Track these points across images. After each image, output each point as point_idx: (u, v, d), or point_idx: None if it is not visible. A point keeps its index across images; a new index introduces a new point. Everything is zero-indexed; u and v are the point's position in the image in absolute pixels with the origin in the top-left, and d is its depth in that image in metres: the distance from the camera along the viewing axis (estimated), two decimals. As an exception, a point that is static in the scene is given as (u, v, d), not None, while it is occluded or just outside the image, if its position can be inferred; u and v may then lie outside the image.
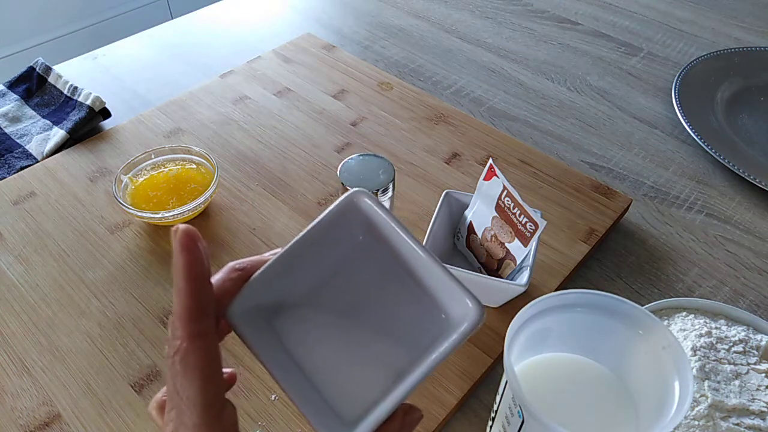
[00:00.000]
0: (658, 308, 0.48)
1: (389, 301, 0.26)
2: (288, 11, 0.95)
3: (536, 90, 0.79)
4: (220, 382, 0.23)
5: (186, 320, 0.22)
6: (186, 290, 0.23)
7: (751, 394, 0.41)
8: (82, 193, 0.62)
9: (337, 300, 0.27)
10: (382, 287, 0.27)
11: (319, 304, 0.27)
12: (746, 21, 0.93)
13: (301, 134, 0.69)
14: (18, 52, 1.56)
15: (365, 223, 0.27)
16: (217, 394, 0.23)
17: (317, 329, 0.26)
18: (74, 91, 0.74)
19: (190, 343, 0.22)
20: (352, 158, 0.49)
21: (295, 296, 0.27)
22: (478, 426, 0.46)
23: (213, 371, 0.23)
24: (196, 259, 0.23)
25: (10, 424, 0.44)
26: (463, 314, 0.24)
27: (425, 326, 0.25)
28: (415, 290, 0.26)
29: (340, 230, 0.27)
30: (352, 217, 0.27)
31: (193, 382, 0.22)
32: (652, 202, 0.64)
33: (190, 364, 0.22)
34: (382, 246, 0.26)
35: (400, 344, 0.25)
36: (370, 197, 0.26)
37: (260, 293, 0.26)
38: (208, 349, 0.23)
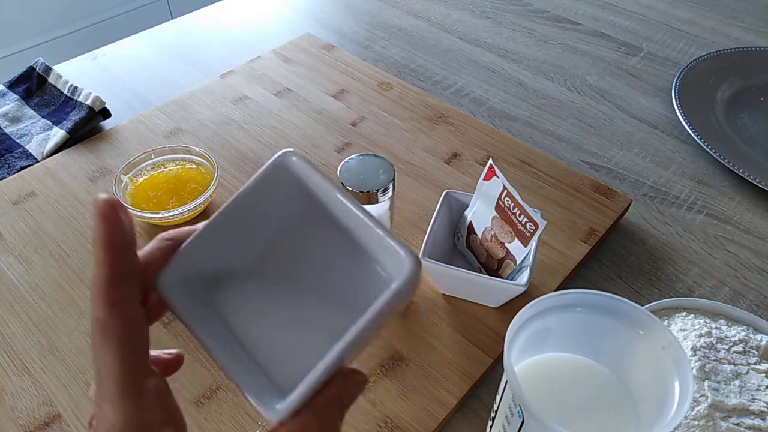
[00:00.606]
0: (658, 308, 0.48)
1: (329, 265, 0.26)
2: (288, 11, 0.95)
3: (536, 90, 0.79)
4: (143, 353, 0.22)
5: (103, 289, 0.22)
6: (103, 259, 0.22)
7: (751, 394, 0.41)
8: (82, 193, 0.62)
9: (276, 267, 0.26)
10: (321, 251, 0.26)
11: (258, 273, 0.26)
12: (746, 21, 0.93)
13: (301, 134, 0.69)
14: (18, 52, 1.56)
15: (298, 184, 0.25)
16: (136, 364, 0.21)
17: (256, 299, 0.25)
18: (74, 91, 0.74)
19: (107, 311, 0.21)
20: (352, 158, 0.49)
21: (231, 266, 0.26)
22: (478, 426, 0.46)
23: (132, 340, 0.22)
24: (114, 227, 0.22)
25: (10, 424, 0.44)
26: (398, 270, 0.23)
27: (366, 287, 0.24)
28: (355, 251, 0.25)
29: (272, 193, 0.26)
30: (282, 178, 0.25)
31: (110, 352, 0.21)
32: (652, 202, 0.64)
33: (107, 334, 0.21)
34: (318, 208, 0.25)
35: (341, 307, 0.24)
36: (299, 157, 0.25)
37: (191, 262, 0.25)
38: (127, 317, 0.22)
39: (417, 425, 0.44)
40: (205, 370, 0.47)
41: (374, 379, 0.46)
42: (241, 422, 0.44)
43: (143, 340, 0.22)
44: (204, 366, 0.47)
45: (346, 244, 0.25)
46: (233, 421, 0.44)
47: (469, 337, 0.49)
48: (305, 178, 0.25)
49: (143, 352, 0.22)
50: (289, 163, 0.25)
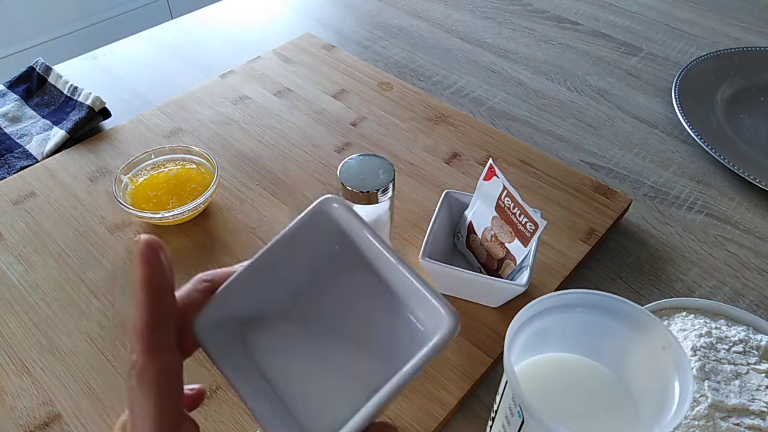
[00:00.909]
0: (658, 308, 0.48)
1: (365, 313, 0.26)
2: (288, 11, 0.95)
3: (536, 90, 0.79)
4: (178, 398, 0.22)
5: (142, 334, 0.22)
6: (143, 303, 0.22)
7: (751, 394, 0.41)
8: (82, 193, 0.62)
9: (311, 312, 0.26)
10: (357, 298, 0.26)
11: (292, 316, 0.26)
12: (746, 21, 0.93)
13: (301, 134, 0.69)
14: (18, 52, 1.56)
15: (337, 231, 0.25)
16: (173, 412, 0.22)
17: (289, 343, 0.25)
18: (74, 91, 0.74)
19: (146, 357, 0.21)
20: (352, 158, 0.49)
21: (267, 310, 0.26)
22: (478, 426, 0.46)
23: (170, 388, 0.22)
24: (155, 272, 0.22)
25: (10, 424, 0.44)
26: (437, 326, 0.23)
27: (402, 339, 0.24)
28: (392, 301, 0.25)
29: (311, 239, 0.26)
30: (322, 225, 0.26)
31: (148, 399, 0.21)
32: (652, 202, 0.64)
33: (145, 380, 0.21)
34: (357, 255, 0.25)
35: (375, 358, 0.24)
36: (341, 203, 0.25)
37: (227, 306, 0.25)
38: (166, 364, 0.22)
39: (417, 425, 0.44)
40: (205, 370, 0.47)
41: (374, 379, 0.46)
42: (241, 422, 0.44)
43: (179, 386, 0.23)
44: (204, 366, 0.47)
45: (383, 294, 0.25)
46: (233, 421, 0.44)
47: (469, 337, 0.49)
48: (345, 225, 0.25)
49: (178, 399, 0.22)
50: (330, 209, 0.25)
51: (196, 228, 0.58)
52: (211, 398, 0.45)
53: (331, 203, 0.25)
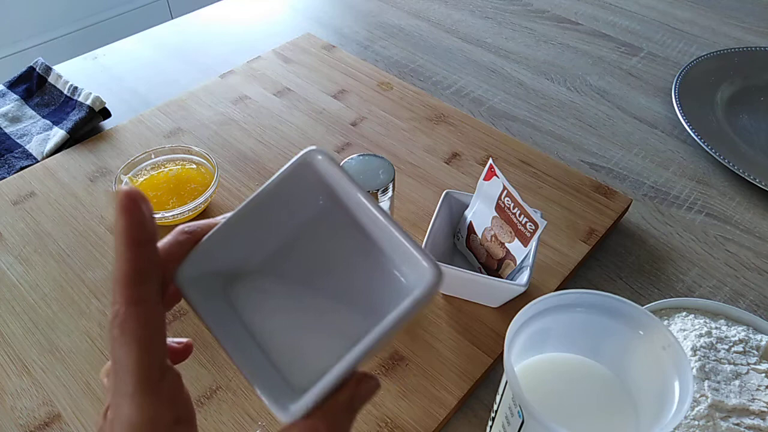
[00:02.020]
0: (658, 308, 0.48)
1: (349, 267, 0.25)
2: (288, 11, 0.95)
3: (536, 90, 0.79)
4: (160, 350, 0.22)
5: (124, 285, 0.22)
6: (125, 254, 0.22)
7: (751, 394, 0.41)
8: (82, 193, 0.62)
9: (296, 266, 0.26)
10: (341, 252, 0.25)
11: (277, 271, 0.25)
12: (746, 21, 0.93)
13: (301, 134, 0.69)
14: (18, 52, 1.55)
15: (321, 183, 0.25)
16: (154, 362, 0.22)
17: (274, 297, 0.25)
18: (74, 91, 0.74)
19: (127, 309, 0.21)
20: (352, 158, 0.49)
21: (250, 263, 0.25)
22: (478, 426, 0.46)
23: (151, 338, 0.22)
24: (136, 222, 0.22)
25: (10, 424, 0.44)
26: (420, 278, 0.23)
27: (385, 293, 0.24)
28: (376, 256, 0.25)
29: (295, 192, 0.25)
30: (306, 177, 0.25)
31: (129, 350, 0.21)
32: (652, 202, 0.64)
33: (127, 331, 0.21)
34: (341, 209, 0.25)
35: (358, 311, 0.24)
36: (326, 155, 0.25)
37: (210, 257, 0.24)
38: (148, 315, 0.22)
39: (417, 425, 0.44)
40: (205, 370, 0.47)
41: (374, 379, 0.46)
42: (241, 422, 0.44)
43: (162, 337, 0.22)
44: (204, 366, 0.47)
45: (366, 247, 0.25)
46: (233, 421, 0.44)
47: (469, 337, 0.49)
48: (329, 178, 0.25)
49: (161, 350, 0.22)
50: (314, 161, 0.25)
51: (196, 228, 0.58)
52: (211, 398, 0.45)
53: (315, 155, 0.25)
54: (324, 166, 0.25)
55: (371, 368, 0.47)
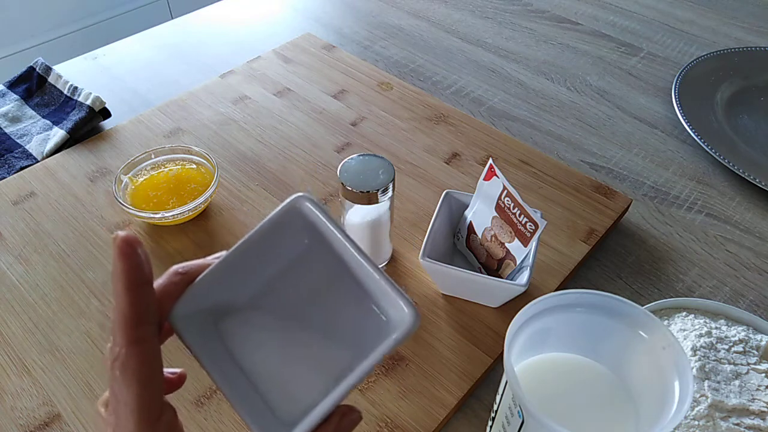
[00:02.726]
0: (658, 308, 0.48)
1: (334, 305, 0.27)
2: (288, 11, 0.95)
3: (536, 90, 0.79)
4: (158, 387, 0.24)
5: (124, 327, 0.23)
6: (124, 297, 0.23)
7: (751, 394, 0.41)
8: (82, 193, 0.62)
9: (283, 304, 0.27)
10: (327, 291, 0.27)
11: (265, 307, 0.27)
12: (746, 21, 0.93)
13: (301, 134, 0.69)
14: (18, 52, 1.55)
15: (308, 227, 0.27)
16: (153, 400, 0.23)
17: (262, 333, 0.27)
18: (74, 91, 0.74)
19: (128, 349, 0.23)
20: (352, 158, 0.49)
21: (240, 300, 0.27)
22: (478, 426, 0.46)
23: (150, 377, 0.23)
24: (134, 266, 0.23)
25: (10, 424, 0.44)
26: (400, 320, 0.25)
27: (368, 329, 0.26)
28: (359, 294, 0.26)
29: (283, 235, 0.27)
30: (294, 221, 0.27)
31: (129, 388, 0.22)
32: (652, 202, 0.64)
33: (127, 371, 0.22)
34: (326, 250, 0.27)
35: (343, 347, 0.26)
36: (312, 201, 0.27)
37: (203, 297, 0.26)
38: (147, 354, 0.23)
39: (417, 425, 0.44)
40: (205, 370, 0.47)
41: (374, 379, 0.46)
42: (241, 422, 0.44)
43: (160, 376, 0.24)
44: (204, 366, 0.47)
45: (351, 287, 0.27)
46: (233, 421, 0.44)
47: (469, 337, 0.49)
48: (315, 222, 0.27)
49: (159, 387, 0.24)
50: (302, 207, 0.27)
51: (196, 228, 0.58)
52: (211, 398, 0.45)
53: (303, 201, 0.27)
54: (310, 212, 0.27)
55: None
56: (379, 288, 0.25)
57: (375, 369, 0.47)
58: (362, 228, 0.51)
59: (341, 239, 0.26)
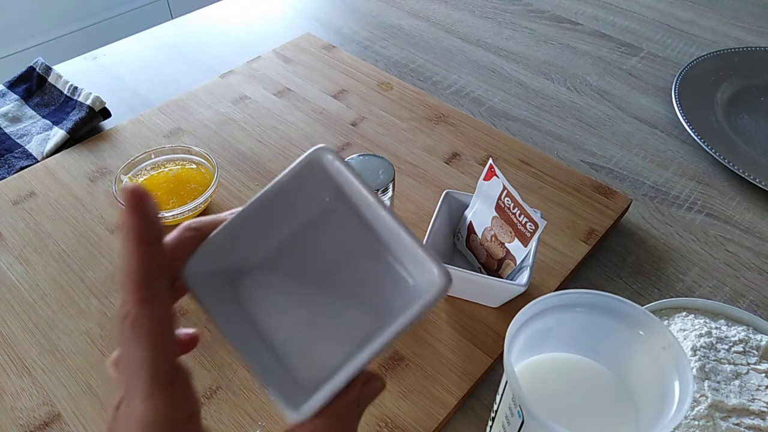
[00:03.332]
0: (658, 308, 0.48)
1: (357, 266, 0.25)
2: (288, 11, 0.95)
3: (536, 90, 0.79)
4: (172, 348, 0.22)
5: (135, 285, 0.21)
6: (135, 254, 0.21)
7: (751, 394, 0.41)
8: (82, 193, 0.62)
9: (303, 264, 0.25)
10: (348, 250, 0.25)
11: (284, 268, 0.25)
12: (746, 21, 0.93)
13: (301, 134, 0.69)
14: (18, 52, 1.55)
15: (329, 182, 0.25)
16: (167, 361, 0.22)
17: (281, 294, 0.25)
18: (74, 91, 0.74)
19: (139, 308, 0.21)
20: (352, 158, 0.49)
21: (256, 260, 0.25)
22: (478, 426, 0.46)
23: (163, 337, 0.21)
24: (145, 220, 0.21)
25: (10, 424, 0.44)
26: (429, 282, 0.22)
27: (392, 293, 0.24)
28: (383, 255, 0.25)
29: (302, 190, 0.25)
30: (314, 175, 0.25)
31: (141, 349, 0.21)
32: (652, 202, 0.64)
33: (139, 330, 0.21)
34: (349, 208, 0.25)
35: (365, 311, 0.24)
36: (334, 154, 0.24)
37: (217, 254, 0.24)
38: (159, 314, 0.21)
39: (417, 425, 0.44)
40: (205, 371, 0.47)
41: (374, 379, 0.46)
42: (241, 422, 0.44)
43: (172, 336, 0.22)
44: (204, 366, 0.47)
45: (373, 246, 0.25)
46: (233, 421, 0.44)
47: (469, 337, 0.49)
48: (337, 176, 0.24)
49: (173, 348, 0.22)
50: (322, 159, 0.24)
51: (196, 228, 0.58)
52: (211, 398, 0.45)
53: (324, 154, 0.24)
54: (332, 165, 0.24)
55: (372, 368, 0.47)
56: (406, 248, 0.23)
57: (375, 368, 0.47)
58: (362, 228, 0.51)
59: (366, 195, 0.24)
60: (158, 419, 0.21)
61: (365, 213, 0.24)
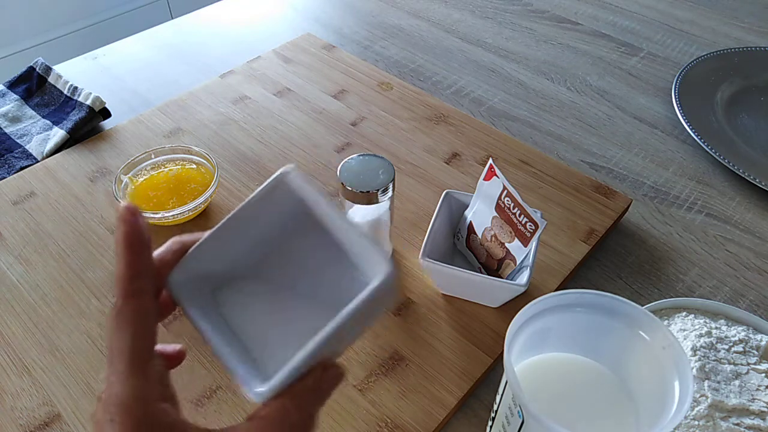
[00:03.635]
0: (658, 308, 0.48)
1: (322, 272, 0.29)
2: (288, 11, 0.95)
3: (536, 90, 0.79)
4: (150, 337, 0.25)
5: (122, 282, 0.25)
6: (123, 256, 0.25)
7: (751, 394, 0.41)
8: (82, 193, 0.62)
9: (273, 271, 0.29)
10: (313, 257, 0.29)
11: (258, 276, 0.29)
12: (746, 21, 0.93)
13: (301, 134, 0.69)
14: (18, 52, 1.55)
15: (295, 198, 0.29)
16: (144, 346, 0.25)
17: (254, 299, 0.29)
18: (74, 91, 0.74)
19: (124, 301, 0.25)
20: (352, 158, 0.49)
21: (233, 269, 0.29)
22: (478, 426, 0.46)
23: (143, 326, 0.25)
24: (133, 230, 0.26)
25: (10, 424, 0.44)
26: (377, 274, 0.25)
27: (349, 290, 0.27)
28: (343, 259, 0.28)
29: (272, 207, 0.29)
30: (282, 193, 0.29)
31: (123, 335, 0.24)
32: (652, 202, 0.64)
33: (121, 319, 0.25)
34: (313, 221, 0.28)
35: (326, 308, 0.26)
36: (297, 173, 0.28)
37: (197, 264, 0.28)
38: (141, 307, 0.25)
39: (417, 425, 0.44)
40: (205, 371, 0.47)
41: (374, 379, 0.46)
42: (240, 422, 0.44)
43: (152, 328, 0.25)
44: (204, 366, 0.47)
45: (335, 252, 0.28)
46: (233, 421, 0.44)
47: (469, 337, 0.49)
48: (301, 193, 0.28)
49: (151, 338, 0.25)
50: (287, 179, 0.29)
51: (196, 228, 0.58)
52: (211, 398, 0.45)
53: (289, 174, 0.29)
54: (297, 183, 0.28)
55: (372, 368, 0.47)
56: (361, 250, 0.27)
57: (375, 368, 0.47)
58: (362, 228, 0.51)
59: (326, 208, 0.28)
60: (134, 395, 0.23)
61: (328, 224, 0.28)
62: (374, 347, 0.48)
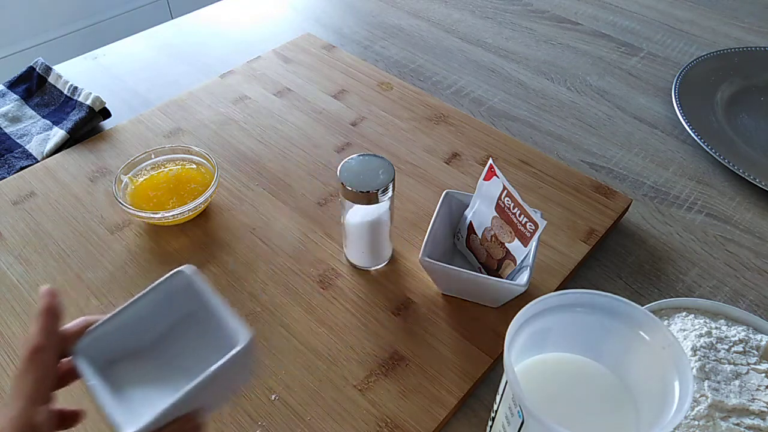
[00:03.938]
0: (658, 308, 0.48)
1: (202, 348, 0.36)
2: (288, 11, 0.95)
3: (536, 90, 0.79)
4: (47, 384, 0.31)
5: (34, 339, 0.31)
6: (40, 321, 0.32)
7: (751, 394, 0.41)
8: (82, 193, 0.62)
9: (163, 348, 0.36)
10: (197, 337, 0.36)
11: (149, 352, 0.36)
12: (746, 21, 0.93)
13: (301, 134, 0.69)
14: (18, 52, 1.55)
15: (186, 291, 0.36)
16: (40, 391, 0.30)
17: (142, 371, 0.35)
18: (74, 91, 0.74)
19: (32, 354, 0.31)
20: (352, 158, 0.49)
21: (125, 347, 0.35)
22: (478, 426, 0.46)
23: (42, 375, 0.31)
24: (52, 305, 0.33)
25: (10, 424, 0.44)
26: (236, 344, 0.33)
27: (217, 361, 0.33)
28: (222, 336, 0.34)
29: (165, 298, 0.36)
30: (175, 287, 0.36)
31: (27, 378, 0.30)
32: (652, 202, 0.64)
33: (28, 367, 0.31)
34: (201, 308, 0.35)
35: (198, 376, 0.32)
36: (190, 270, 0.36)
37: (96, 341, 0.34)
38: (44, 360, 0.31)
39: (417, 425, 0.44)
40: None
41: (374, 379, 0.46)
42: (241, 422, 0.44)
43: (50, 379, 0.31)
44: None
45: (215, 331, 0.35)
46: (233, 421, 0.44)
47: (469, 337, 0.49)
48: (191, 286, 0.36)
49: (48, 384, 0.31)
50: (180, 276, 0.36)
51: (196, 228, 0.58)
52: (211, 398, 0.45)
53: (182, 272, 0.36)
54: (186, 279, 0.36)
55: (372, 368, 0.47)
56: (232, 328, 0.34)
57: (375, 368, 0.47)
58: (362, 228, 0.51)
59: (209, 297, 0.35)
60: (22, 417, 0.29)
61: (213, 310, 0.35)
62: (374, 347, 0.48)
